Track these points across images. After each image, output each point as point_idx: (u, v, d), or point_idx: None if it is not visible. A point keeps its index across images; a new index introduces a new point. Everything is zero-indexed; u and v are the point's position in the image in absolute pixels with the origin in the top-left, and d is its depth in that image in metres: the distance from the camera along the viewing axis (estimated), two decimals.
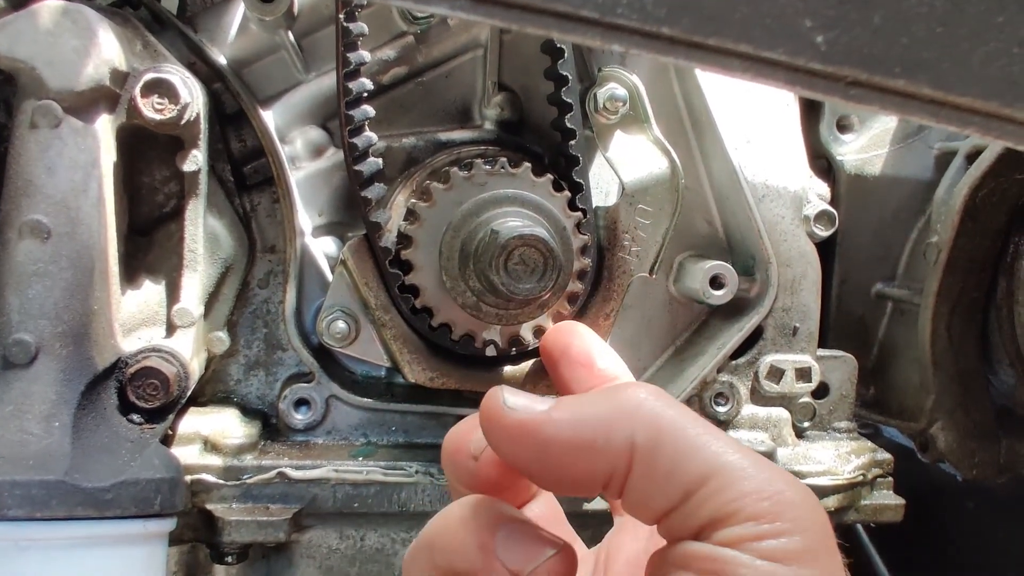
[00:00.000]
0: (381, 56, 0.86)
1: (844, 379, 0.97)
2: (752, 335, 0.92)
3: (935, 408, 1.00)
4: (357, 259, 0.80)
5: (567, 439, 0.49)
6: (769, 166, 0.91)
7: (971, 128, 0.41)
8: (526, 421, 0.49)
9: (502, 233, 0.73)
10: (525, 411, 0.50)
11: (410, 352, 0.82)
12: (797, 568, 0.44)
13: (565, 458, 0.49)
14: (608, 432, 0.48)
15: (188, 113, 0.76)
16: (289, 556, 0.86)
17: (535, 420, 0.49)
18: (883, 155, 1.07)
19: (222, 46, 0.84)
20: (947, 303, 0.98)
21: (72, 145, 0.72)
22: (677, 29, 0.37)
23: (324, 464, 0.83)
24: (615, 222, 0.84)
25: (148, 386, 0.75)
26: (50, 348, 0.71)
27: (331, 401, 0.86)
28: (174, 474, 0.75)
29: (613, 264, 0.84)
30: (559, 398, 0.52)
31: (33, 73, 0.71)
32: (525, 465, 0.50)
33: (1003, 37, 0.39)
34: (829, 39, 0.38)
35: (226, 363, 0.89)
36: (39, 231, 0.71)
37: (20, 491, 0.68)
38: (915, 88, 0.39)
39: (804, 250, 0.92)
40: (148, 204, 0.84)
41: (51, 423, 0.70)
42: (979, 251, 0.97)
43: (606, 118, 0.85)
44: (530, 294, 0.74)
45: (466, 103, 0.90)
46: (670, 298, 0.96)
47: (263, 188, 0.89)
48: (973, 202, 0.94)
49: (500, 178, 0.78)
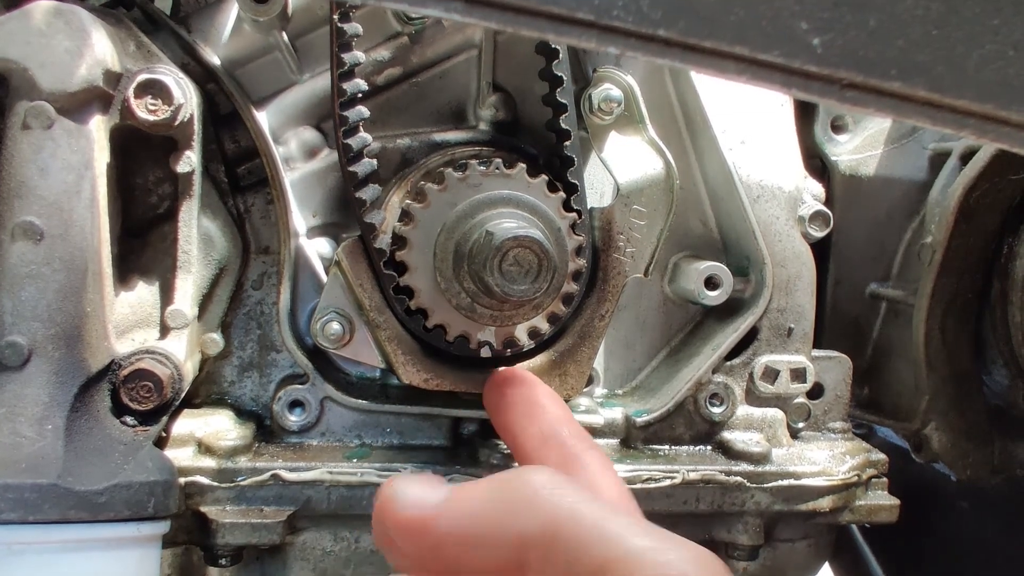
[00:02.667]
0: (375, 57, 0.86)
1: (839, 380, 0.98)
2: (747, 336, 0.92)
3: (929, 409, 1.01)
4: (351, 260, 0.80)
5: (459, 535, 0.47)
6: (764, 166, 0.91)
7: (967, 131, 0.41)
8: (416, 517, 0.48)
9: (497, 234, 0.73)
10: (416, 506, 0.49)
11: (404, 353, 0.82)
12: None
13: (460, 554, 0.48)
14: (500, 527, 0.47)
15: (182, 114, 0.76)
16: (283, 558, 0.86)
17: (425, 516, 0.48)
18: (877, 156, 1.07)
19: (216, 47, 0.83)
20: (941, 304, 0.98)
21: (65, 146, 0.72)
22: (673, 31, 0.37)
23: (318, 466, 0.82)
24: (610, 223, 0.84)
25: (141, 388, 0.75)
26: (43, 350, 0.71)
27: (325, 403, 0.86)
28: (168, 476, 0.75)
29: (608, 265, 0.84)
30: (455, 487, 0.50)
31: (25, 74, 0.71)
32: (420, 562, 0.49)
33: (998, 40, 0.39)
34: (825, 41, 0.38)
35: (220, 365, 0.88)
36: (32, 233, 0.71)
37: (13, 494, 0.68)
38: (911, 91, 0.39)
39: (799, 250, 0.93)
40: (141, 205, 0.83)
41: (44, 426, 0.70)
42: (973, 252, 0.97)
43: (601, 119, 0.85)
44: (525, 295, 0.74)
45: (460, 104, 0.90)
46: (665, 299, 0.96)
47: (257, 189, 0.88)
48: (967, 203, 0.95)
49: (495, 179, 0.78)
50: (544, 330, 0.82)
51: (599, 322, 0.85)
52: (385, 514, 0.49)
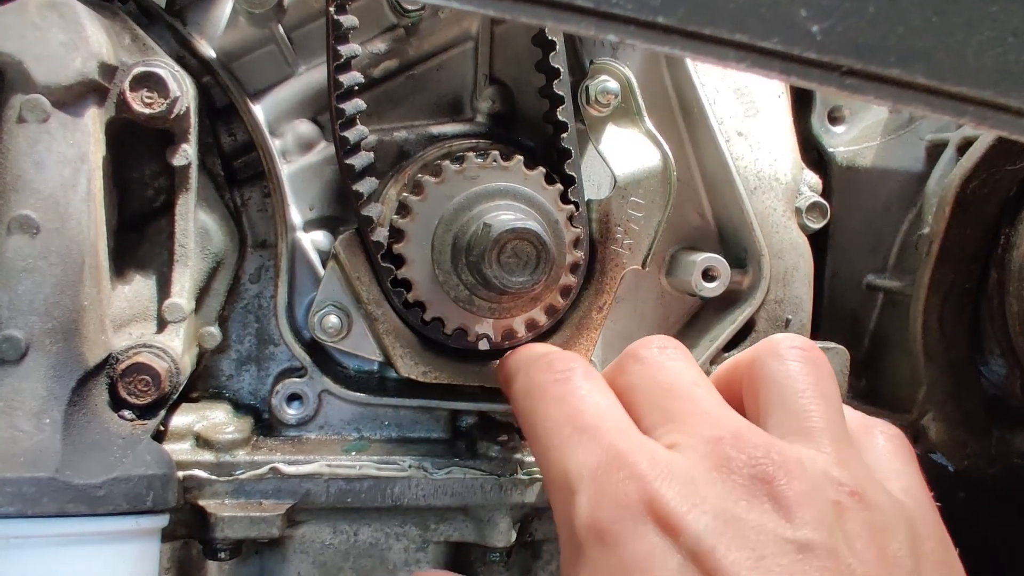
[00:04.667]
0: (372, 49, 0.86)
1: (836, 370, 0.97)
2: (744, 327, 0.92)
3: (926, 399, 1.01)
4: (349, 253, 0.80)
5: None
6: (761, 158, 0.91)
7: (965, 118, 0.41)
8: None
9: (495, 227, 0.73)
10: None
11: (402, 346, 0.82)
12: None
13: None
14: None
15: (178, 107, 0.76)
16: (282, 551, 0.86)
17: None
18: (874, 147, 1.07)
19: (211, 39, 0.83)
20: (938, 294, 0.98)
21: (61, 140, 0.72)
22: (672, 18, 0.37)
23: (317, 459, 0.82)
24: (607, 215, 0.84)
25: (139, 382, 0.75)
26: (40, 344, 0.71)
27: (323, 396, 0.86)
28: (166, 470, 0.75)
29: (606, 257, 0.84)
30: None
31: (20, 67, 0.70)
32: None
33: (997, 26, 0.39)
34: (824, 28, 0.38)
35: (217, 358, 0.88)
36: (28, 226, 0.71)
37: (11, 488, 0.68)
38: (910, 77, 0.39)
39: (796, 242, 0.93)
40: (138, 199, 0.83)
41: (42, 420, 0.70)
42: (970, 242, 0.97)
43: (598, 111, 0.85)
44: (523, 287, 0.74)
45: (457, 96, 0.90)
46: (662, 291, 0.96)
47: (254, 182, 0.88)
48: (964, 193, 0.95)
49: (492, 171, 0.78)
50: (542, 322, 0.82)
51: (597, 314, 0.85)
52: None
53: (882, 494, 0.58)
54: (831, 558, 0.51)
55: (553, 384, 0.65)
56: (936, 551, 0.58)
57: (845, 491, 0.56)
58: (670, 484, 0.55)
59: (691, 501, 0.54)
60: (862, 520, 0.55)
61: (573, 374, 0.66)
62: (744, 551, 0.51)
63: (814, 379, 0.64)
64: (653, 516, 0.54)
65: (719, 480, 0.55)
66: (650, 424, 0.63)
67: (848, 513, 0.55)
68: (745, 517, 0.53)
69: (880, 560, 0.53)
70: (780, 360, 0.65)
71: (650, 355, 0.67)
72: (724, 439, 0.57)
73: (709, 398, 0.63)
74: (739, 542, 0.52)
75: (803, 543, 0.52)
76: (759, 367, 0.66)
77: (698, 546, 0.52)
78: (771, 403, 0.64)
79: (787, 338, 0.67)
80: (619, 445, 0.58)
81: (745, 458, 0.56)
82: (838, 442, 0.60)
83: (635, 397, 0.65)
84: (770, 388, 0.64)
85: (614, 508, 0.55)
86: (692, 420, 0.61)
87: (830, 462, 0.58)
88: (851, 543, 0.53)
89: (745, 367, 0.67)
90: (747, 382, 0.67)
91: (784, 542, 0.52)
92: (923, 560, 0.56)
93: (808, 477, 0.55)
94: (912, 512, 0.59)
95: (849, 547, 0.53)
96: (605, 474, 0.57)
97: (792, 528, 0.52)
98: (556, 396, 0.65)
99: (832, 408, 0.63)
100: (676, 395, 0.64)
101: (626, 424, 0.62)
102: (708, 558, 0.51)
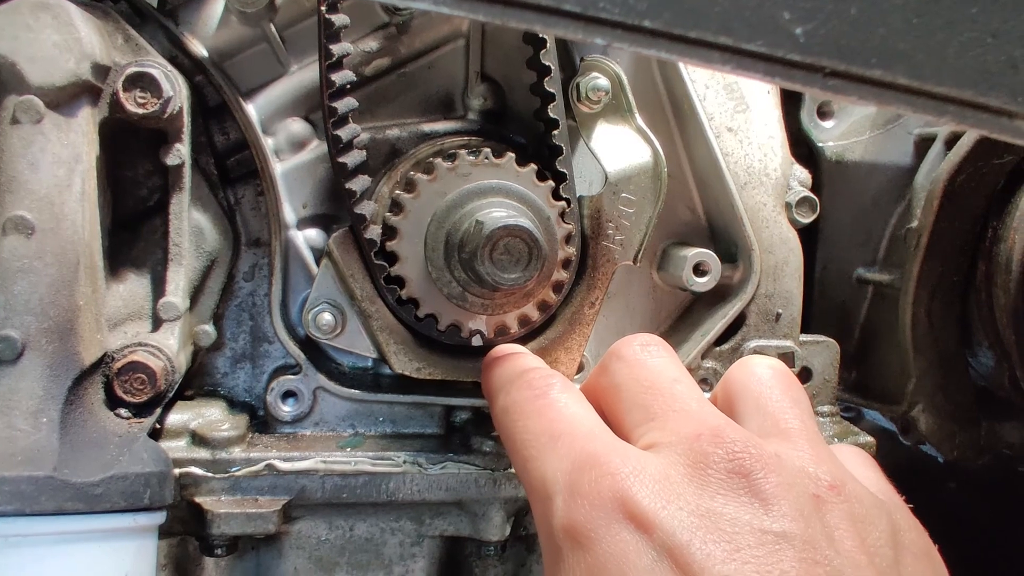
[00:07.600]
0: (363, 47, 0.86)
1: (827, 364, 0.98)
2: (735, 321, 0.93)
3: (916, 391, 1.01)
4: (342, 251, 0.81)
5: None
6: (750, 153, 0.92)
7: (946, 117, 0.42)
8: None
9: (487, 224, 0.73)
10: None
11: (396, 343, 0.82)
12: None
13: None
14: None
15: (171, 107, 0.76)
16: (279, 547, 0.87)
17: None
18: (863, 141, 1.08)
19: (203, 39, 0.83)
20: (927, 287, 0.99)
21: (55, 140, 0.72)
22: (659, 22, 0.37)
23: (312, 455, 0.83)
24: (599, 211, 0.84)
25: (135, 380, 0.75)
26: (36, 344, 0.71)
27: (318, 393, 0.86)
28: (163, 468, 0.75)
29: (597, 253, 0.85)
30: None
31: (13, 68, 0.71)
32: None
33: (977, 27, 0.39)
34: (807, 31, 0.38)
35: (212, 356, 0.89)
36: (23, 227, 0.71)
37: (9, 487, 0.68)
38: (891, 78, 0.40)
39: (786, 236, 0.93)
40: (132, 198, 0.84)
41: (39, 419, 0.71)
42: (958, 236, 0.98)
43: (589, 108, 0.85)
44: (515, 284, 0.75)
45: (449, 94, 0.90)
46: (654, 286, 0.96)
47: (247, 181, 0.89)
48: (952, 187, 0.95)
49: (484, 168, 0.78)
50: (534, 318, 0.83)
51: (589, 309, 0.86)
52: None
53: (860, 488, 0.59)
54: (809, 549, 0.52)
55: (532, 400, 0.67)
56: (916, 542, 0.59)
57: (824, 485, 0.57)
58: (643, 482, 0.56)
59: (665, 498, 0.55)
60: (841, 512, 0.56)
61: (551, 389, 0.67)
62: (719, 544, 0.52)
63: (787, 388, 0.67)
64: (626, 514, 0.54)
65: (696, 476, 0.56)
66: (632, 422, 0.64)
67: (827, 506, 0.56)
68: (721, 511, 0.54)
69: (860, 550, 0.54)
70: (753, 375, 0.68)
71: (632, 353, 0.68)
72: (703, 435, 0.58)
73: (689, 395, 0.65)
74: (714, 535, 0.52)
75: (780, 534, 0.52)
76: (733, 383, 0.69)
77: (672, 541, 0.52)
78: (747, 411, 0.66)
79: (759, 358, 0.70)
80: (591, 447, 0.60)
81: (723, 453, 0.57)
82: (814, 443, 0.62)
83: (617, 395, 0.67)
84: (746, 398, 0.67)
85: (588, 508, 0.56)
86: (672, 417, 0.62)
87: (807, 459, 0.59)
88: (830, 534, 0.54)
89: (720, 388, 0.70)
90: (722, 397, 0.69)
91: (761, 533, 0.52)
92: (903, 551, 0.57)
93: (786, 471, 0.56)
94: (890, 506, 0.60)
95: (828, 538, 0.54)
96: (579, 475, 0.58)
97: (769, 519, 0.53)
98: (534, 410, 0.66)
99: (806, 415, 0.65)
100: (657, 393, 0.65)
101: (600, 428, 0.63)
102: (682, 553, 0.52)
